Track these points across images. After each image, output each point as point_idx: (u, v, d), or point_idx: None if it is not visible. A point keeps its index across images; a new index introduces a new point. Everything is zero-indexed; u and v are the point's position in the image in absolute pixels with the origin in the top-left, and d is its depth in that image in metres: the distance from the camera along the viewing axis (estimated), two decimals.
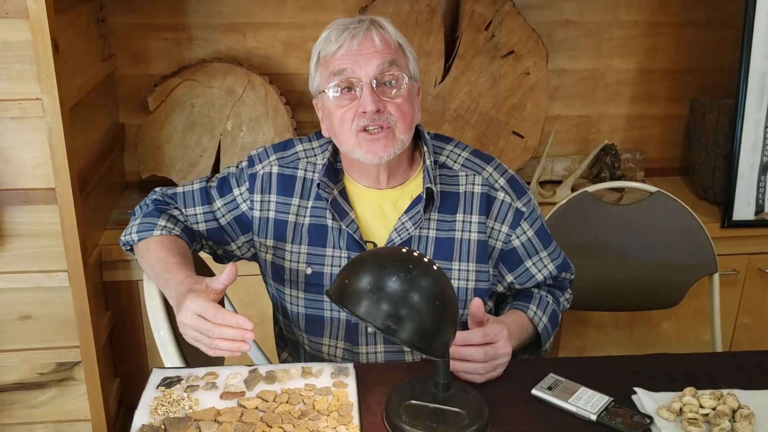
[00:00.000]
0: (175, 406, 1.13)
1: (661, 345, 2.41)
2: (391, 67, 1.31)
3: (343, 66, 1.30)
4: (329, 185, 1.39)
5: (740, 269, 2.33)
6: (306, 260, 1.41)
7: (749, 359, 1.33)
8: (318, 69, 1.37)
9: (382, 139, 1.31)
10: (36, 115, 1.77)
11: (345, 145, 1.35)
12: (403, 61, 1.35)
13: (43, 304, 1.95)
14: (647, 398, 1.17)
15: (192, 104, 2.31)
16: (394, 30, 1.35)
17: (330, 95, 1.33)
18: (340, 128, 1.34)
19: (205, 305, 1.13)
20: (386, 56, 1.31)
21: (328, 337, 1.43)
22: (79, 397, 2.05)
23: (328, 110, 1.36)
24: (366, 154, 1.32)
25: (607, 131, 2.66)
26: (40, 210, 1.87)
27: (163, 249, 1.34)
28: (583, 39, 2.54)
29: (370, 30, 1.31)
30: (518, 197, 1.41)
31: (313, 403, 1.14)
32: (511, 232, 1.41)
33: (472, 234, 1.39)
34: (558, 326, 1.47)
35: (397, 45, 1.35)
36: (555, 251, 1.46)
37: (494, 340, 1.21)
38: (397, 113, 1.31)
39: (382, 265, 1.04)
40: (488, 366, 1.21)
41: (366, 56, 1.30)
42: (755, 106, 2.23)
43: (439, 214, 1.39)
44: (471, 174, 1.42)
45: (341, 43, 1.30)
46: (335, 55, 1.31)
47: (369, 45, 1.30)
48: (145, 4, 2.36)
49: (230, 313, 1.12)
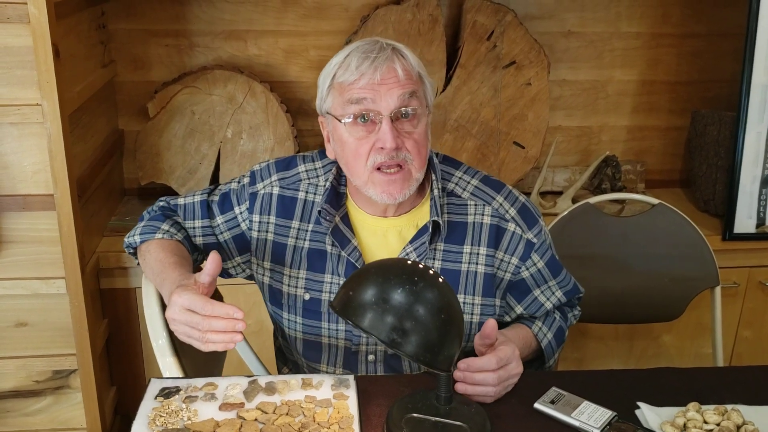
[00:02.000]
0: (174, 417, 1.11)
1: (662, 358, 2.40)
2: (411, 99, 1.26)
3: (362, 96, 1.24)
4: (330, 212, 1.34)
5: (741, 282, 2.32)
6: (304, 285, 1.37)
7: (753, 374, 1.32)
8: (331, 92, 1.30)
9: (399, 180, 1.26)
10: (36, 120, 1.76)
11: (357, 179, 1.30)
12: (422, 91, 1.29)
13: (40, 312, 1.94)
14: (651, 413, 1.16)
15: (192, 111, 2.30)
16: (416, 59, 1.30)
17: (344, 123, 1.27)
18: (354, 161, 1.28)
19: (193, 298, 1.10)
20: (407, 87, 1.25)
21: (326, 363, 1.40)
22: (74, 406, 2.03)
23: (339, 137, 1.29)
24: (381, 195, 1.27)
25: (608, 142, 2.66)
26: (38, 216, 1.85)
27: (163, 251, 1.32)
28: (584, 50, 2.54)
29: (392, 60, 1.25)
30: (529, 228, 1.37)
31: (314, 416, 1.12)
32: (521, 264, 1.37)
33: (479, 266, 1.35)
34: (563, 342, 1.44)
35: (418, 76, 1.29)
36: (565, 279, 1.42)
37: (507, 363, 1.18)
38: (414, 150, 1.26)
39: (387, 277, 1.02)
40: (500, 388, 1.18)
41: (387, 86, 1.24)
42: (757, 119, 2.23)
43: (445, 244, 1.35)
44: (481, 204, 1.36)
45: (362, 72, 1.24)
46: (354, 84, 1.25)
47: (391, 76, 1.24)
48: (146, 10, 2.36)
49: (219, 304, 1.09)
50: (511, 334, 1.33)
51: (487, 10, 2.34)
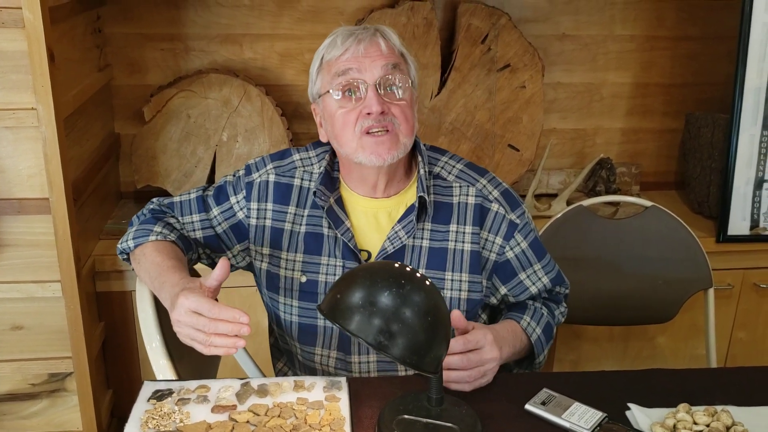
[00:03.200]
0: (166, 419, 1.12)
1: (656, 359, 2.40)
2: (395, 71, 1.33)
3: (348, 66, 1.32)
4: (326, 193, 1.39)
5: (735, 284, 2.33)
6: (301, 268, 1.41)
7: (743, 375, 1.33)
8: (320, 73, 1.38)
9: (387, 142, 1.32)
10: (31, 124, 1.77)
11: (347, 147, 1.35)
12: (406, 68, 1.37)
13: (35, 315, 1.94)
14: (641, 414, 1.16)
15: (188, 115, 2.31)
16: (399, 40, 1.38)
17: (333, 96, 1.34)
18: (343, 130, 1.34)
19: (200, 300, 1.12)
20: (390, 59, 1.33)
21: (320, 347, 1.42)
22: (70, 409, 2.04)
23: (329, 112, 1.36)
24: (370, 156, 1.32)
25: (602, 145, 2.67)
26: (33, 220, 1.86)
27: (159, 254, 1.33)
28: (579, 53, 2.55)
29: (375, 36, 1.34)
30: (512, 209, 1.42)
31: (305, 417, 1.13)
32: (505, 243, 1.41)
33: (466, 244, 1.40)
34: (552, 339, 1.46)
35: (400, 53, 1.37)
36: (549, 264, 1.46)
37: (477, 347, 1.21)
38: (400, 116, 1.33)
39: (374, 281, 1.03)
40: (475, 373, 1.20)
41: (371, 59, 1.32)
42: (750, 121, 2.24)
43: (432, 224, 1.40)
44: (465, 185, 1.42)
45: (347, 47, 1.32)
46: (340, 58, 1.33)
47: (374, 49, 1.33)
48: (142, 14, 2.37)
49: (226, 307, 1.10)
50: (498, 326, 1.35)
51: (481, 14, 2.35)
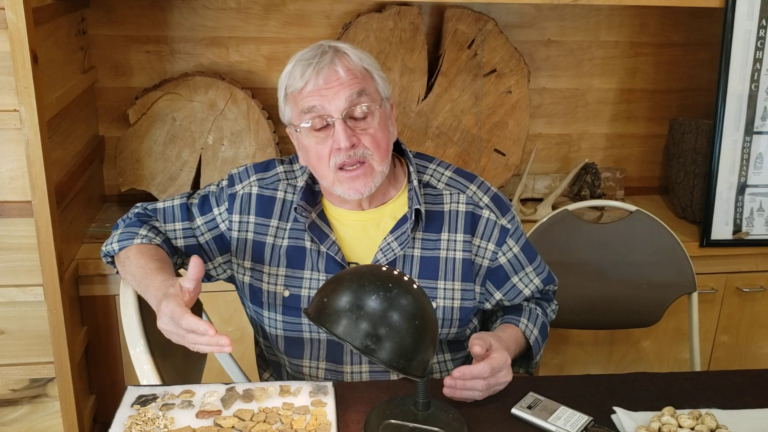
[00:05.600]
0: (150, 425, 1.11)
1: (641, 363, 2.41)
2: (360, 98, 1.29)
3: (312, 104, 1.29)
4: (306, 209, 1.38)
5: (718, 288, 2.35)
6: (284, 282, 1.39)
7: (727, 378, 1.34)
8: (287, 103, 1.35)
9: (361, 177, 1.31)
10: (13, 126, 1.75)
11: (325, 180, 1.35)
12: (372, 86, 1.32)
13: (17, 319, 1.92)
14: (626, 418, 1.17)
15: (173, 117, 2.29)
16: (358, 54, 1.32)
17: (303, 132, 1.32)
18: (318, 164, 1.33)
19: (174, 310, 1.11)
20: (353, 87, 1.28)
21: (308, 358, 1.41)
22: (52, 415, 2.01)
23: (303, 144, 1.35)
24: (348, 191, 1.32)
25: (587, 150, 2.68)
26: (15, 223, 1.83)
27: (143, 256, 1.32)
28: (564, 58, 2.57)
29: (333, 62, 1.29)
30: (503, 214, 1.42)
31: (291, 423, 1.12)
32: (498, 249, 1.41)
33: (457, 253, 1.39)
34: (547, 338, 1.47)
35: (364, 71, 1.32)
36: (540, 265, 1.47)
37: (499, 371, 1.20)
38: (372, 144, 1.30)
39: (361, 284, 1.03)
40: (486, 393, 1.21)
41: (333, 90, 1.28)
42: (733, 127, 2.26)
43: (423, 233, 1.39)
44: (455, 193, 1.42)
45: (306, 80, 1.28)
46: (302, 91, 1.30)
47: (334, 78, 1.28)
48: (127, 16, 2.35)
49: (194, 320, 1.09)
50: (505, 336, 1.34)
51: (468, 19, 2.36)
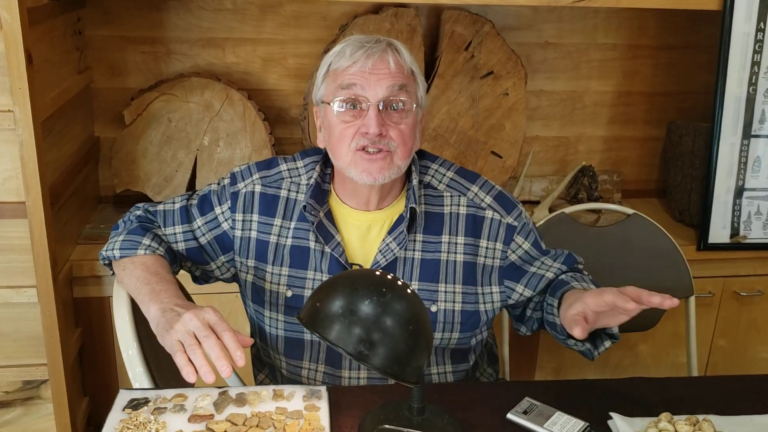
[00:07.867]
0: (142, 429, 1.10)
1: (638, 367, 2.40)
2: (400, 92, 1.29)
3: (353, 81, 1.28)
4: (315, 207, 1.36)
5: (716, 292, 2.34)
6: (287, 282, 1.38)
7: (725, 384, 1.33)
8: (325, 80, 1.34)
9: (380, 161, 1.29)
10: (7, 127, 1.74)
11: (341, 161, 1.32)
12: (413, 87, 1.33)
13: (10, 321, 1.90)
14: (623, 423, 1.16)
15: (169, 118, 2.28)
16: (410, 56, 1.34)
17: (334, 108, 1.30)
18: (339, 143, 1.31)
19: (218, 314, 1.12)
20: (397, 80, 1.29)
21: (308, 361, 1.40)
22: (45, 417, 2.00)
23: (328, 122, 1.33)
24: (361, 174, 1.30)
25: (584, 152, 2.68)
26: (9, 224, 1.82)
27: (147, 270, 1.30)
28: (561, 61, 2.56)
29: (386, 52, 1.29)
30: (507, 212, 1.40)
31: (284, 427, 1.11)
32: (506, 248, 1.39)
33: (458, 255, 1.37)
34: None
35: (410, 71, 1.33)
36: (556, 253, 1.43)
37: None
38: (398, 139, 1.29)
39: (354, 288, 1.02)
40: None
41: (377, 76, 1.28)
42: (731, 130, 2.26)
43: (424, 235, 1.37)
44: (456, 195, 1.40)
45: (355, 60, 1.28)
46: (347, 69, 1.29)
47: (383, 66, 1.28)
48: (123, 16, 2.34)
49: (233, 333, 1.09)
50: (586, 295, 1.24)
51: (465, 21, 2.35)
